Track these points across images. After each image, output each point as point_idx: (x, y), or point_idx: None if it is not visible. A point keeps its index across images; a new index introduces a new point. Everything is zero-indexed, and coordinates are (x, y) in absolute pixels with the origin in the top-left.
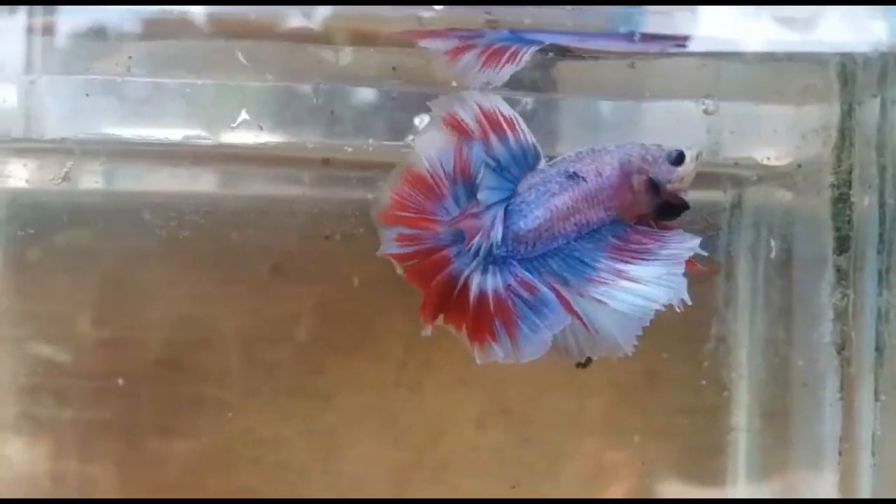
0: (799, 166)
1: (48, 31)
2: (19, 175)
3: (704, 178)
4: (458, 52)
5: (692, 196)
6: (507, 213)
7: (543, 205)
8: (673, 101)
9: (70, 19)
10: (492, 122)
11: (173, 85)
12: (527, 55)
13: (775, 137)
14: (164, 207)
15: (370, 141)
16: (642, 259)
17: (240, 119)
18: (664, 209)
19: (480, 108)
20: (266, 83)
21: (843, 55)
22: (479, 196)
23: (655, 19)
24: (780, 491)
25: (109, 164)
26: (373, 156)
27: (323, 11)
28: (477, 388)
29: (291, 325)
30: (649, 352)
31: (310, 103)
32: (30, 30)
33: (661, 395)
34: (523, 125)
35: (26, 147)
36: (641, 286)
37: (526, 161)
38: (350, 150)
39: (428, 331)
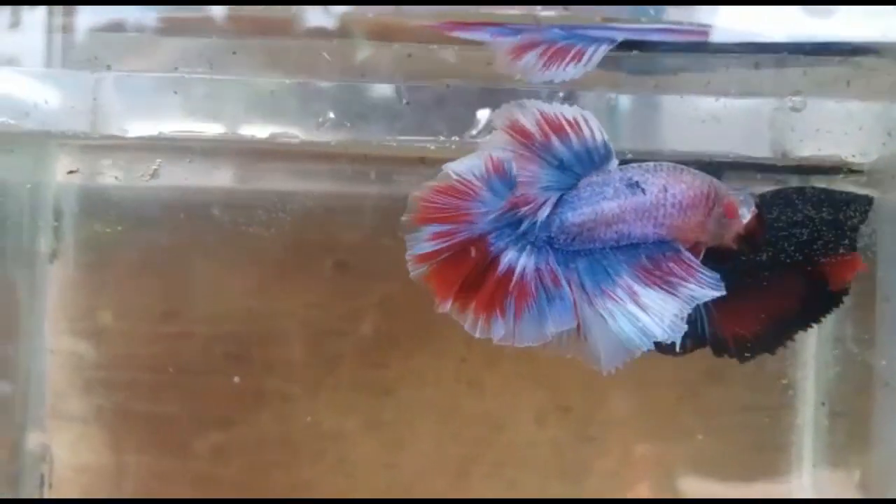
0: (884, 163)
1: (116, 27)
2: (98, 171)
3: (788, 175)
4: (520, 50)
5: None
6: (560, 202)
7: (592, 205)
8: (759, 99)
9: (138, 14)
10: (553, 125)
11: (261, 83)
12: (596, 55)
13: (860, 135)
14: (231, 204)
15: (454, 138)
16: (661, 288)
17: (327, 117)
18: (746, 242)
19: (542, 113)
20: (333, 83)
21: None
22: (530, 189)
23: (729, 16)
24: (851, 489)
25: (200, 161)
26: (454, 153)
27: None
28: (537, 384)
29: (355, 320)
30: None
31: (379, 101)
32: (93, 27)
33: (725, 394)
34: (593, 124)
35: (104, 144)
36: (644, 316)
37: (591, 160)
38: (433, 147)
39: (446, 307)
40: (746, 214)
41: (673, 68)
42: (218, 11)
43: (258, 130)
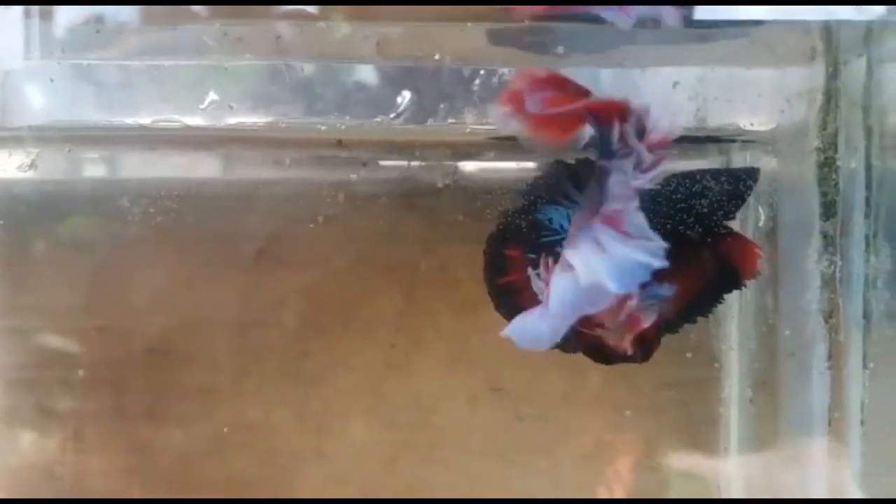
0: (783, 130)
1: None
2: None
3: (690, 147)
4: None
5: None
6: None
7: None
8: (657, 68)
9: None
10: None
11: (141, 67)
12: None
13: (759, 102)
14: (142, 194)
15: (346, 118)
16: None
17: (210, 99)
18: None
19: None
20: (245, 62)
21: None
22: None
23: None
24: (771, 461)
25: (80, 150)
26: (368, 134)
27: None
28: (468, 366)
29: (278, 310)
30: None
31: (290, 81)
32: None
33: (652, 370)
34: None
35: None
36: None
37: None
38: (324, 128)
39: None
40: (645, 324)
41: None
42: None
43: (140, 116)
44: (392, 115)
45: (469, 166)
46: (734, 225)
